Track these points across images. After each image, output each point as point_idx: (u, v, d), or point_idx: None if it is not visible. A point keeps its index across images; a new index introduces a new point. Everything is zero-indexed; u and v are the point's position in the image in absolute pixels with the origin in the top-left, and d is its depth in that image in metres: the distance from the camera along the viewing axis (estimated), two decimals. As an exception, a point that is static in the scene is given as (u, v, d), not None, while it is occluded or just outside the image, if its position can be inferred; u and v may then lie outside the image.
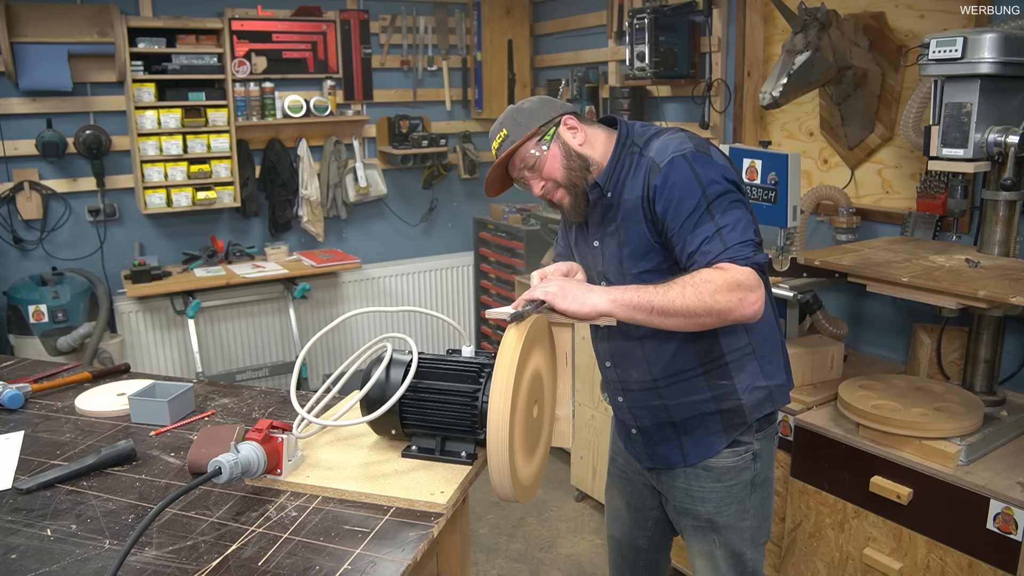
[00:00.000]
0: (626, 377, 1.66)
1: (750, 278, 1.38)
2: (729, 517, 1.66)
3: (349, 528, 1.19)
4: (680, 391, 1.61)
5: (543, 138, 1.55)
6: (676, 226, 1.45)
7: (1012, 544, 1.65)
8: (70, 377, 1.83)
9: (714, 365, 1.59)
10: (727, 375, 1.59)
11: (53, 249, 3.56)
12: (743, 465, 1.64)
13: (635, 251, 1.54)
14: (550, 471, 3.49)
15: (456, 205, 4.57)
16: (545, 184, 1.57)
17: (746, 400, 1.60)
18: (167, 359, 3.79)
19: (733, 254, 1.40)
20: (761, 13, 2.92)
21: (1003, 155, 1.85)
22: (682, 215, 1.44)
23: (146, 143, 3.47)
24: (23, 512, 1.25)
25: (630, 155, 1.55)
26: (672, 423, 1.65)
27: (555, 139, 1.56)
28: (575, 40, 4.02)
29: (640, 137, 1.58)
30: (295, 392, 1.40)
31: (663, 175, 1.46)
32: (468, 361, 1.41)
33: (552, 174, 1.56)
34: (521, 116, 1.57)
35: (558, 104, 1.60)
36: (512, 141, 1.55)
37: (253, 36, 3.72)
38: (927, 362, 2.27)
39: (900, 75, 2.47)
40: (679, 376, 1.59)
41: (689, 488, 1.68)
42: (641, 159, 1.53)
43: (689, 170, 1.45)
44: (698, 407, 1.61)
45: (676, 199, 1.45)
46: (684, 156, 1.46)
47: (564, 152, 1.56)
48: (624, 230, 1.54)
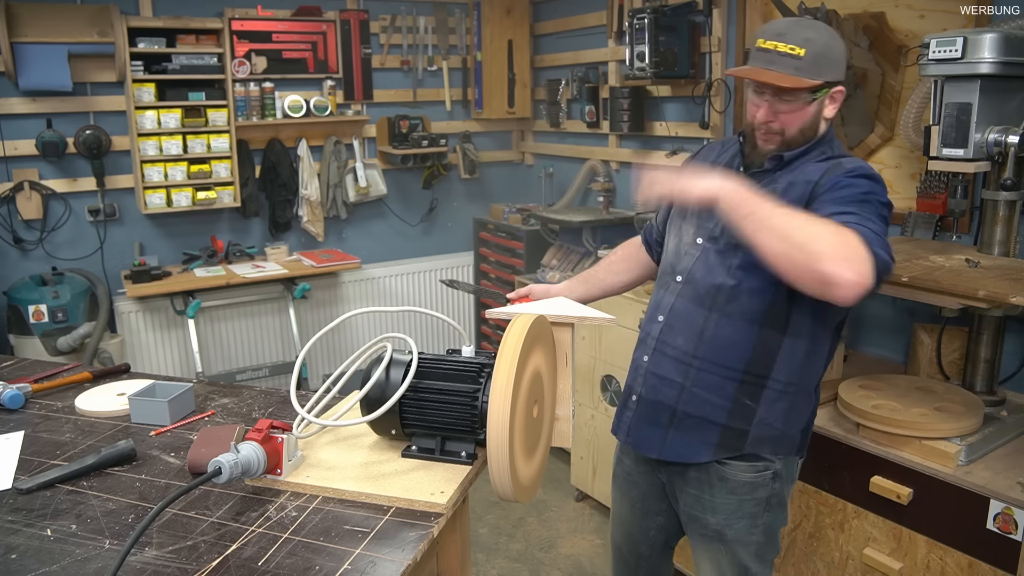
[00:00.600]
0: (669, 339, 1.59)
1: (863, 252, 1.24)
2: (738, 531, 1.63)
3: (349, 528, 1.19)
4: (706, 383, 1.56)
5: (817, 92, 1.46)
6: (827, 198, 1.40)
7: (1012, 544, 1.65)
8: (70, 377, 1.83)
9: (753, 381, 1.54)
10: (756, 398, 1.55)
11: (53, 249, 3.56)
12: (761, 483, 1.61)
13: None
14: (550, 471, 3.49)
15: (456, 205, 4.57)
16: (772, 123, 1.49)
17: (754, 431, 1.57)
18: (167, 359, 3.79)
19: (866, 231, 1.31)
20: (761, 13, 2.92)
21: (1003, 155, 1.85)
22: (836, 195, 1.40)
23: (146, 143, 3.47)
24: (23, 512, 1.25)
25: (820, 152, 1.52)
26: (673, 409, 1.60)
27: (819, 100, 1.48)
28: (575, 40, 4.02)
29: (838, 147, 1.57)
30: (295, 392, 1.40)
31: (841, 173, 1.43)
32: (468, 361, 1.41)
33: (787, 124, 1.49)
34: (828, 57, 1.44)
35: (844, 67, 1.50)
36: (799, 71, 1.42)
37: (253, 36, 3.72)
38: (927, 362, 2.27)
39: (900, 75, 2.47)
40: (716, 369, 1.55)
41: (700, 496, 1.64)
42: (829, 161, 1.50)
43: (865, 181, 1.42)
44: (708, 410, 1.57)
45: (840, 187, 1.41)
46: (868, 172, 1.45)
47: (814, 117, 1.49)
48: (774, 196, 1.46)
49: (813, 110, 1.48)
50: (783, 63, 1.42)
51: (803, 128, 1.49)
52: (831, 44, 1.45)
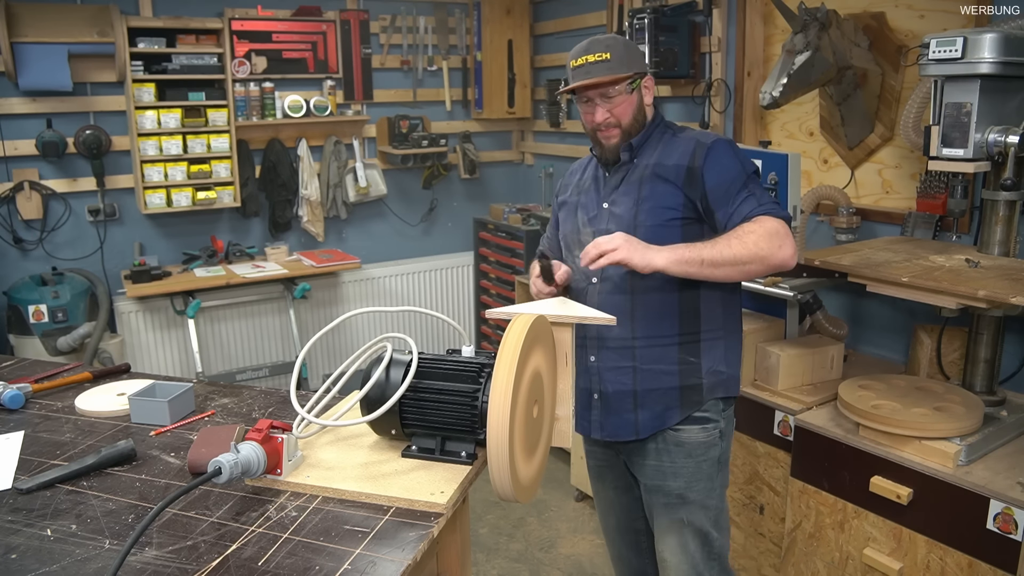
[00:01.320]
0: (606, 333, 1.75)
1: (782, 227, 1.61)
2: (699, 493, 1.77)
3: (349, 528, 1.19)
4: (653, 356, 1.73)
5: (633, 83, 1.72)
6: (720, 191, 1.66)
7: (1012, 544, 1.65)
8: (71, 377, 1.83)
9: (689, 339, 1.74)
10: (696, 353, 1.74)
11: (53, 249, 3.56)
12: (712, 442, 1.77)
13: (654, 208, 1.71)
14: (550, 471, 3.49)
15: (456, 205, 4.57)
16: (608, 118, 1.73)
17: (706, 381, 1.74)
18: (167, 359, 3.79)
19: (766, 209, 1.63)
20: (761, 13, 2.92)
21: (1003, 155, 1.85)
22: (725, 183, 1.66)
23: (146, 143, 3.47)
24: (23, 512, 1.25)
25: (661, 132, 1.78)
26: (634, 392, 1.75)
27: (637, 89, 1.74)
28: (575, 40, 3.98)
29: (672, 126, 1.82)
30: (295, 392, 1.40)
31: (712, 151, 1.68)
32: (468, 361, 1.41)
33: (621, 116, 1.73)
34: (630, 54, 1.72)
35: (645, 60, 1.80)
36: (612, 71, 1.68)
37: (253, 36, 3.72)
38: (927, 362, 2.27)
39: (900, 75, 2.47)
40: (657, 340, 1.73)
41: (660, 464, 1.78)
42: (676, 137, 1.76)
43: (731, 150, 1.70)
44: (663, 379, 1.73)
45: (722, 170, 1.67)
46: (726, 140, 1.72)
47: (637, 104, 1.75)
48: (649, 187, 1.72)
49: (635, 99, 1.74)
50: (596, 70, 1.69)
51: (634, 115, 1.74)
52: (627, 44, 1.75)
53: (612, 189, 1.78)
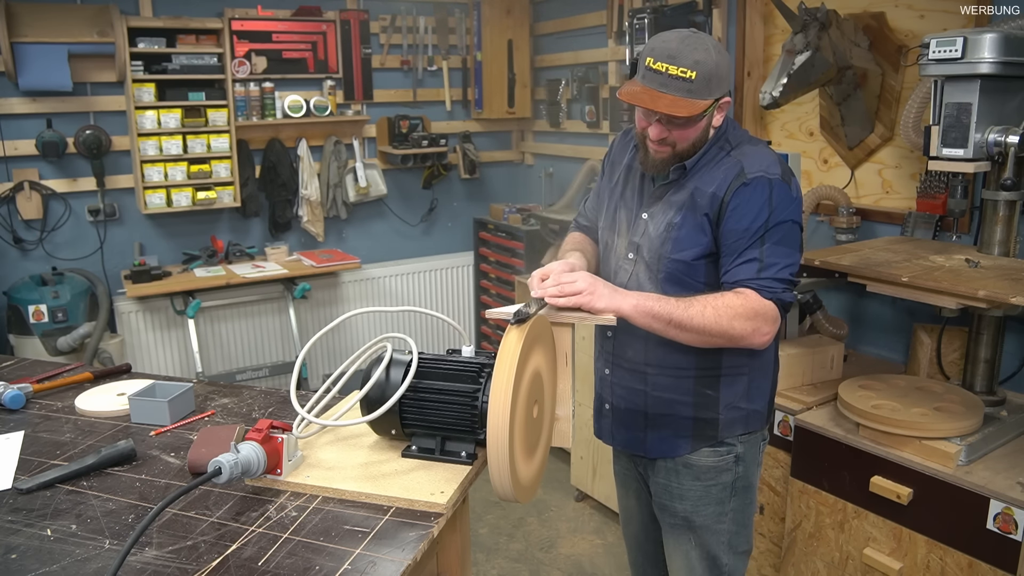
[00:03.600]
0: (621, 352, 1.67)
1: (770, 312, 1.45)
2: (706, 518, 1.67)
3: (349, 528, 1.19)
4: (665, 386, 1.63)
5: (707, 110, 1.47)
6: (731, 239, 1.49)
7: (1012, 544, 1.65)
8: (72, 377, 1.83)
9: (707, 373, 1.60)
10: (715, 387, 1.61)
11: (53, 249, 3.56)
12: (724, 467, 1.65)
13: (683, 238, 1.54)
14: (550, 471, 3.49)
15: (456, 205, 4.57)
16: (666, 139, 1.50)
17: (723, 416, 1.62)
18: (167, 359, 3.79)
19: (763, 284, 1.46)
20: (761, 13, 2.92)
21: (1003, 155, 1.85)
22: (740, 231, 1.48)
23: (146, 143, 3.47)
24: (23, 512, 1.25)
25: (719, 149, 1.55)
26: (645, 413, 1.67)
27: (708, 114, 1.49)
28: (575, 40, 4.02)
29: (734, 137, 1.58)
30: (295, 392, 1.40)
31: (745, 188, 1.48)
32: (468, 361, 1.41)
33: (679, 140, 1.51)
34: (718, 75, 1.45)
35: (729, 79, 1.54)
36: (692, 94, 1.43)
37: (253, 36, 3.72)
38: (927, 362, 2.27)
39: (900, 75, 2.47)
40: (670, 371, 1.61)
41: (668, 484, 1.70)
42: (728, 158, 1.53)
43: (768, 194, 1.47)
44: (675, 408, 1.63)
45: (743, 216, 1.48)
46: (770, 179, 1.48)
47: (704, 131, 1.52)
48: (684, 215, 1.54)
49: (703, 125, 1.51)
50: (675, 86, 1.43)
51: (695, 141, 1.52)
52: (719, 62, 1.46)
53: (654, 199, 1.60)
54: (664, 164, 1.55)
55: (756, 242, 1.47)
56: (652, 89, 1.45)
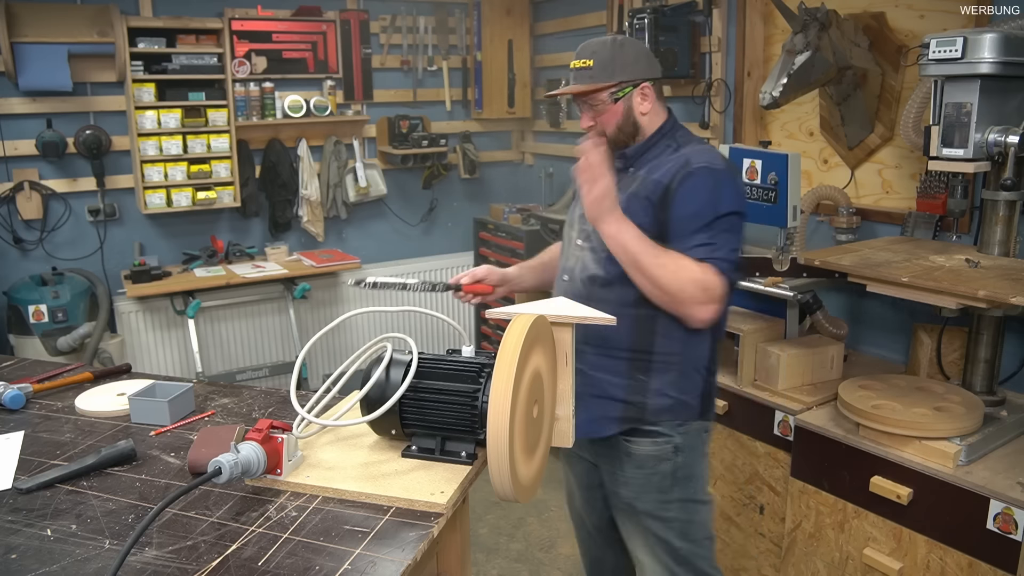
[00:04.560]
0: None
1: (720, 288, 1.56)
2: (648, 504, 1.76)
3: (349, 528, 1.19)
4: (600, 366, 1.70)
5: (618, 92, 1.67)
6: (679, 225, 1.60)
7: (1012, 544, 1.65)
8: (72, 377, 1.83)
9: (641, 358, 1.69)
10: (646, 372, 1.70)
11: (53, 249, 3.56)
12: (663, 456, 1.73)
13: None
14: (550, 471, 3.48)
15: (456, 205, 4.57)
16: (594, 126, 1.70)
17: (651, 402, 1.70)
18: (167, 359, 3.79)
19: (716, 265, 1.56)
20: (761, 13, 2.92)
21: (1003, 155, 1.85)
22: (687, 217, 1.59)
23: (146, 143, 3.47)
24: (23, 512, 1.25)
25: (665, 146, 1.71)
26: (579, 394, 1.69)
27: (625, 99, 1.68)
28: (575, 40, 3.98)
29: (682, 137, 1.73)
30: (295, 392, 1.40)
31: (691, 177, 1.60)
32: (468, 361, 1.41)
33: (604, 125, 1.69)
34: (615, 63, 1.66)
35: (648, 67, 1.71)
36: (592, 79, 1.65)
37: (253, 36, 3.72)
38: (927, 362, 2.27)
39: (900, 75, 2.47)
40: (605, 351, 1.70)
41: (613, 471, 1.78)
42: (676, 153, 1.68)
43: (712, 183, 1.60)
44: (607, 389, 1.71)
45: (690, 202, 1.60)
46: (713, 169, 1.61)
47: (625, 114, 1.69)
48: (632, 201, 1.65)
49: (622, 108, 1.68)
50: (580, 76, 1.68)
51: (619, 125, 1.69)
52: (619, 50, 1.67)
53: None
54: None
55: (705, 228, 1.58)
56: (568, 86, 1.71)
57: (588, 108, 1.70)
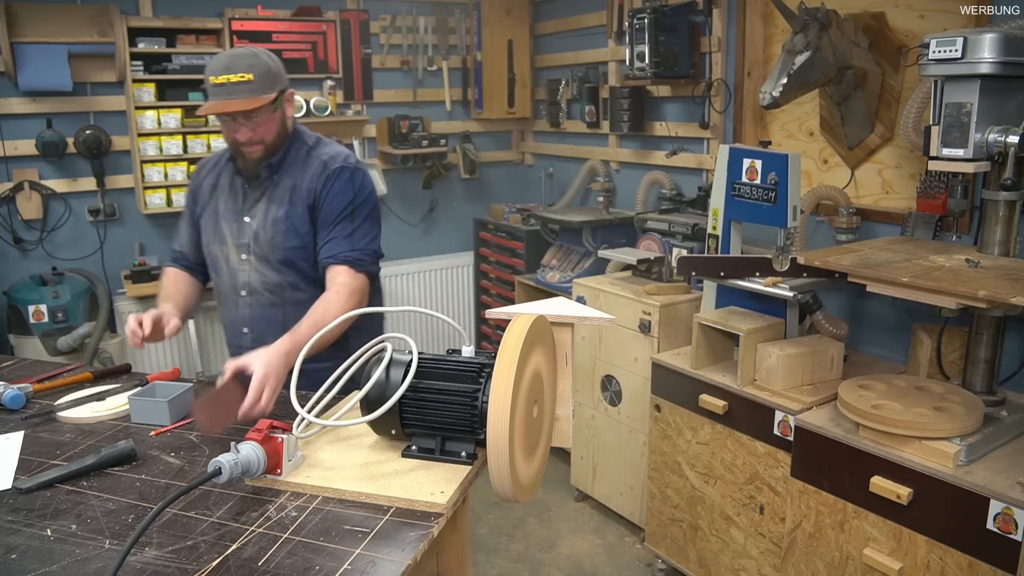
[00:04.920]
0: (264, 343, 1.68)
1: (362, 285, 1.77)
2: None
3: (349, 528, 1.19)
4: None
5: (275, 101, 1.75)
6: (324, 218, 1.79)
7: (1012, 544, 1.65)
8: (72, 377, 1.83)
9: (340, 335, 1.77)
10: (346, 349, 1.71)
11: (53, 249, 3.56)
12: None
13: (290, 229, 1.81)
14: (550, 471, 3.49)
15: (456, 205, 4.57)
16: (252, 137, 1.75)
17: None
18: (167, 359, 3.79)
19: (355, 258, 1.76)
20: (761, 13, 2.92)
21: (1003, 155, 1.85)
22: (332, 211, 1.78)
23: (146, 143, 3.47)
24: (23, 512, 1.25)
25: (298, 149, 1.85)
26: None
27: (281, 106, 1.79)
28: (575, 40, 4.02)
29: (308, 137, 1.89)
30: (295, 392, 1.40)
31: (332, 177, 1.80)
32: (468, 361, 1.41)
33: (265, 135, 1.76)
34: (273, 72, 1.73)
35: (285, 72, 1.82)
36: (255, 92, 1.69)
37: (253, 36, 3.71)
38: (927, 362, 2.27)
39: (900, 75, 2.47)
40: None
41: None
42: (311, 157, 1.84)
43: (349, 178, 1.81)
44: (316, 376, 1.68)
45: (333, 197, 1.78)
46: (350, 168, 1.82)
47: (282, 122, 1.80)
48: (286, 210, 1.81)
49: (279, 116, 1.79)
50: (240, 91, 1.68)
51: (278, 132, 1.80)
52: (268, 62, 1.74)
53: (254, 203, 1.85)
54: (257, 162, 1.80)
55: (347, 219, 1.76)
56: (224, 100, 1.69)
57: (247, 120, 1.72)
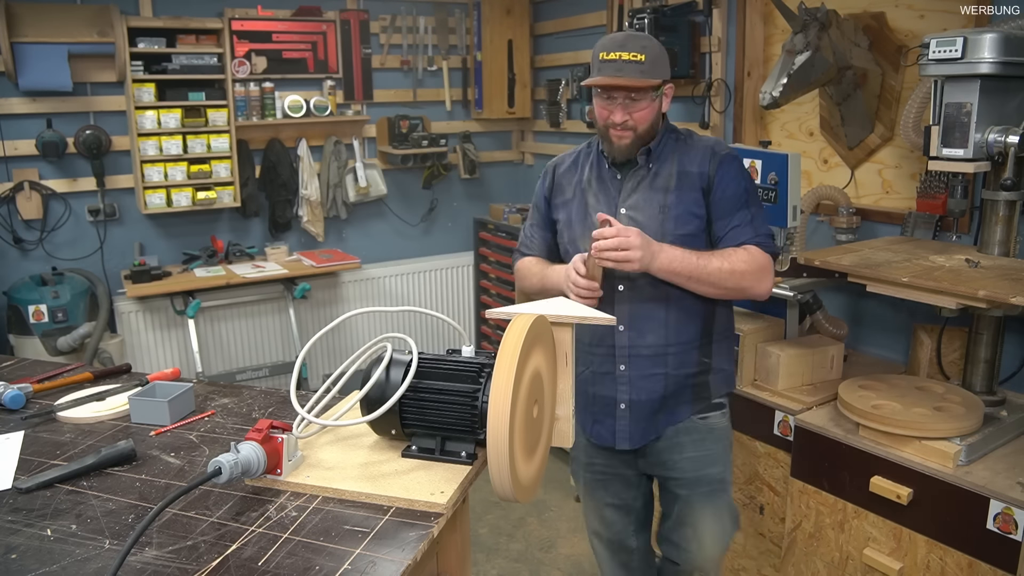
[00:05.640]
0: (639, 342, 1.76)
1: (769, 263, 1.73)
2: (728, 472, 1.91)
3: (349, 528, 1.19)
4: (681, 362, 1.77)
5: (658, 89, 1.71)
6: (723, 205, 1.73)
7: (1012, 544, 1.65)
8: (72, 377, 1.83)
9: (707, 341, 1.81)
10: (709, 353, 1.82)
11: (53, 249, 3.56)
12: (729, 425, 1.90)
13: (683, 215, 1.73)
14: (550, 471, 3.49)
15: (456, 205, 4.57)
16: (627, 121, 1.70)
17: (712, 379, 1.82)
18: (167, 359, 3.79)
19: (760, 241, 1.72)
20: (761, 13, 2.92)
21: (1003, 155, 1.85)
22: (729, 197, 1.73)
23: (146, 143, 3.47)
24: (23, 512, 1.25)
25: (672, 138, 1.79)
26: (663, 397, 1.79)
27: (660, 97, 1.74)
28: (575, 40, 4.02)
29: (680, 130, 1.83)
30: (295, 392, 1.40)
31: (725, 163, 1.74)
32: (468, 361, 1.40)
33: (641, 120, 1.71)
34: (663, 59, 1.70)
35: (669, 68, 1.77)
36: (645, 74, 1.65)
37: (253, 36, 3.72)
38: (927, 362, 2.27)
39: (900, 75, 2.47)
40: (687, 345, 1.78)
41: (698, 455, 1.83)
42: (690, 144, 1.78)
43: (740, 164, 1.77)
44: (684, 380, 1.79)
45: (728, 183, 1.73)
46: (734, 154, 1.78)
47: (657, 110, 1.74)
48: (673, 196, 1.73)
49: (657, 105, 1.73)
50: (630, 69, 1.65)
51: (652, 122, 1.74)
52: (661, 48, 1.72)
53: (629, 193, 1.77)
54: (630, 149, 1.74)
55: (743, 206, 1.72)
56: (611, 76, 1.66)
57: (627, 102, 1.69)
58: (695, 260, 1.66)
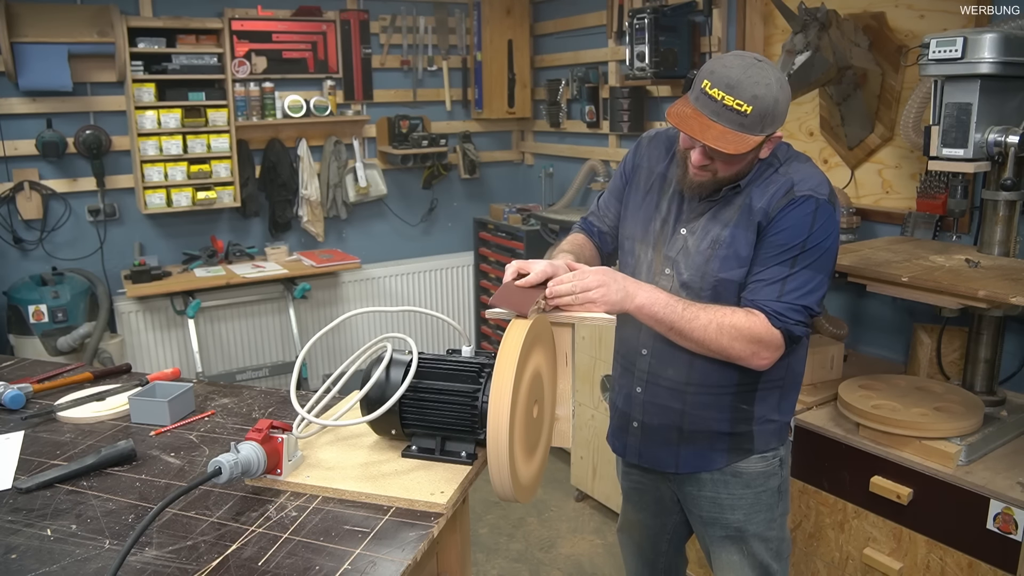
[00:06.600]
0: (659, 371, 1.61)
1: (774, 340, 1.44)
2: (758, 525, 1.65)
3: (349, 528, 1.19)
4: (703, 404, 1.60)
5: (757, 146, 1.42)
6: (765, 251, 1.47)
7: (1012, 544, 1.65)
8: (72, 377, 1.83)
9: (746, 388, 1.58)
10: (751, 401, 1.60)
11: (53, 249, 3.56)
12: (772, 471, 1.64)
13: (731, 256, 1.50)
14: (550, 471, 3.49)
15: (456, 205, 4.57)
16: (705, 163, 1.45)
17: (756, 429, 1.61)
18: (167, 359, 3.79)
19: (778, 311, 1.44)
20: (761, 13, 2.92)
21: (1003, 155, 1.85)
22: (776, 245, 1.46)
23: (146, 143, 3.47)
24: (23, 512, 1.25)
25: (767, 165, 1.51)
26: (679, 429, 1.63)
27: (756, 149, 1.44)
28: (575, 40, 4.02)
29: (782, 152, 1.53)
30: (295, 392, 1.40)
31: (795, 204, 1.45)
32: (468, 361, 1.40)
33: (723, 170, 1.46)
34: (770, 114, 1.38)
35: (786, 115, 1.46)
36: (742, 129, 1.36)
37: (253, 36, 3.72)
38: (927, 362, 2.27)
39: (900, 75, 2.47)
40: (711, 389, 1.58)
41: (717, 496, 1.66)
42: (777, 174, 1.49)
43: (811, 215, 1.44)
44: (711, 424, 1.61)
45: (784, 227, 1.45)
46: (817, 200, 1.45)
47: (749, 164, 1.48)
48: (731, 232, 1.50)
49: (749, 158, 1.46)
50: (728, 117, 1.36)
51: (739, 172, 1.48)
52: (779, 99, 1.39)
53: (696, 214, 1.55)
54: (703, 188, 1.50)
55: (787, 262, 1.44)
56: (703, 116, 1.38)
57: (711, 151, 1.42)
58: (680, 310, 1.43)
